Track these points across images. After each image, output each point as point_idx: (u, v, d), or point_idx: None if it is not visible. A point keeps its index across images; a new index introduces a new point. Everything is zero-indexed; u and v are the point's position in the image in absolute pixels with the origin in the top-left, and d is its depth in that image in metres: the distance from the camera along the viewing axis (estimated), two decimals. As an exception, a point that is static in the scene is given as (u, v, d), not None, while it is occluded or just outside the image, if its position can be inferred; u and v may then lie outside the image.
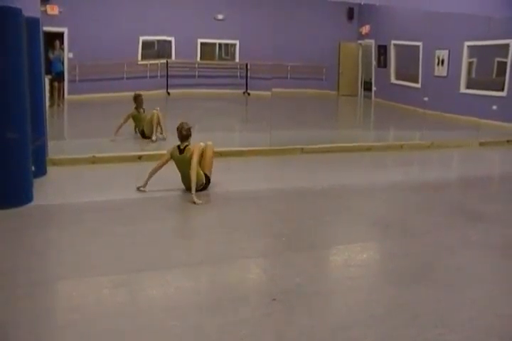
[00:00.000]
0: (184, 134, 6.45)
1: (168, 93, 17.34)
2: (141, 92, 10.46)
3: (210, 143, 6.65)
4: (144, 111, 10.08)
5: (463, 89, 14.57)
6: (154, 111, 9.93)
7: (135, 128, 10.17)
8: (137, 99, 10.09)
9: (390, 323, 3.51)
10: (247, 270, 4.43)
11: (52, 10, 15.19)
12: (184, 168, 6.37)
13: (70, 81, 15.75)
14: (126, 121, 9.81)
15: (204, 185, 6.50)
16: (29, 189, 6.02)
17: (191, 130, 6.55)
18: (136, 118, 10.04)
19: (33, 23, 6.87)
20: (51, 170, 7.29)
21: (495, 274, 4.46)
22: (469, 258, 4.80)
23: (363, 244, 5.16)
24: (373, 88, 18.89)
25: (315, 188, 7.02)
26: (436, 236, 5.32)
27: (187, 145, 6.44)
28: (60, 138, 10.03)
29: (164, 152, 6.81)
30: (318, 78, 19.37)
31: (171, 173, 6.71)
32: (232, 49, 19.27)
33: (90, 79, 16.08)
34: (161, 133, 9.86)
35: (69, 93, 15.62)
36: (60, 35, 15.46)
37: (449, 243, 5.12)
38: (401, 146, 10.22)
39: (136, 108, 10.04)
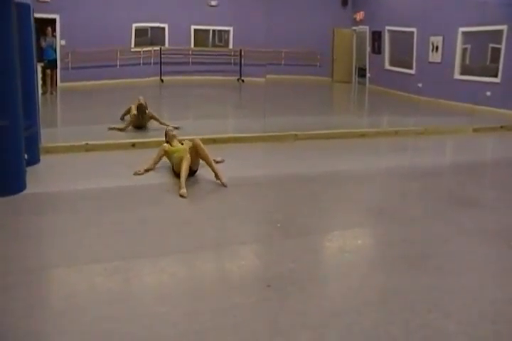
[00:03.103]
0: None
1: (162, 80, 17.27)
2: (135, 80, 10.28)
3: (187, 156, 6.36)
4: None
5: (457, 76, 14.55)
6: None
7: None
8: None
9: (383, 309, 3.52)
10: (241, 256, 4.43)
11: (44, -4, 15.07)
12: None
13: (62, 68, 15.67)
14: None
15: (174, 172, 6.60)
16: (22, 177, 5.99)
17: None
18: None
19: (24, 9, 6.78)
20: (44, 158, 7.25)
21: (488, 260, 4.47)
22: (463, 244, 4.81)
23: (358, 230, 5.16)
24: (367, 74, 18.87)
25: (309, 175, 7.02)
26: (431, 222, 5.33)
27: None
28: (53, 125, 9.98)
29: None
30: (312, 64, 19.32)
31: (166, 161, 6.70)
32: (226, 35, 19.18)
33: (83, 66, 16.00)
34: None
35: (62, 80, 15.54)
36: (52, 22, 15.34)
37: (443, 229, 5.13)
38: (395, 132, 10.20)
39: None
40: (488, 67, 13.96)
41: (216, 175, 6.25)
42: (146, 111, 9.51)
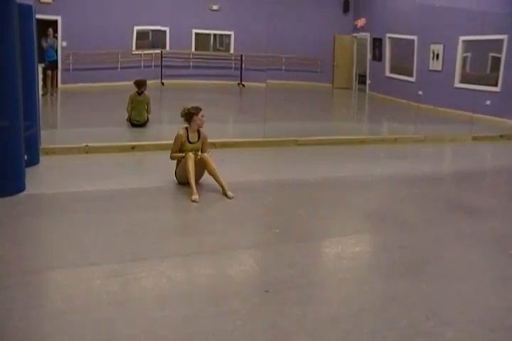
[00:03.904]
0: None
1: (163, 83, 17.28)
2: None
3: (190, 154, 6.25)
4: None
5: (457, 84, 14.59)
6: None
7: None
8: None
9: (381, 315, 3.52)
10: (239, 261, 4.42)
11: (46, -3, 15.08)
12: None
13: (63, 70, 15.66)
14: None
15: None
16: (21, 178, 5.98)
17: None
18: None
19: (26, 11, 6.79)
20: (44, 160, 7.25)
21: (486, 267, 4.48)
22: (461, 251, 4.82)
23: (356, 236, 5.16)
24: (368, 81, 18.89)
25: (309, 180, 7.02)
26: (429, 229, 5.34)
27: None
28: (53, 127, 9.98)
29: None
30: (312, 70, 19.34)
31: (166, 164, 6.70)
32: (227, 40, 19.20)
33: (84, 68, 16.00)
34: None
35: (62, 82, 15.54)
36: (53, 23, 15.34)
37: (441, 236, 5.14)
38: (395, 140, 10.22)
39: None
40: (488, 76, 14.00)
41: (223, 189, 6.16)
42: (144, 90, 9.93)
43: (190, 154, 6.18)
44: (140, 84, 9.97)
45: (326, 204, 6.09)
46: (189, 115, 6.39)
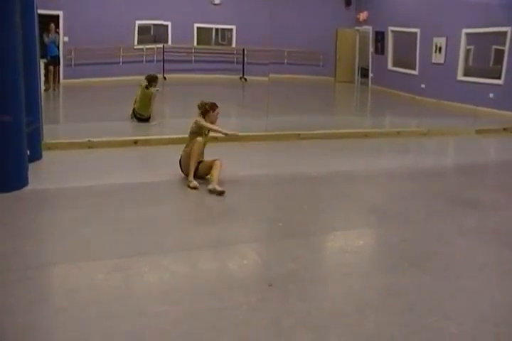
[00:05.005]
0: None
1: (165, 78, 17.24)
2: (137, 77, 10.36)
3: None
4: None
5: (460, 77, 14.54)
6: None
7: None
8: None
9: (385, 310, 3.51)
10: (243, 255, 4.41)
11: (48, -8, 15.02)
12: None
13: (65, 65, 15.65)
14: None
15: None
16: (24, 173, 5.98)
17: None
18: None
19: (28, 5, 6.77)
20: (46, 155, 7.24)
21: (490, 262, 4.46)
22: (465, 245, 4.81)
23: (360, 230, 5.15)
24: (370, 75, 18.84)
25: (312, 174, 7.00)
26: (433, 223, 5.32)
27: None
28: (56, 122, 9.98)
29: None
30: (315, 64, 19.29)
31: (168, 159, 6.69)
32: (229, 34, 19.15)
33: (86, 63, 15.98)
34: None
35: (64, 77, 15.52)
36: (55, 19, 15.31)
37: (445, 230, 5.13)
38: (398, 133, 10.18)
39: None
40: (491, 69, 13.94)
41: (212, 181, 6.06)
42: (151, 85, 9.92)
43: (199, 139, 6.18)
44: (151, 80, 9.94)
45: (328, 199, 6.07)
46: (205, 110, 6.54)
